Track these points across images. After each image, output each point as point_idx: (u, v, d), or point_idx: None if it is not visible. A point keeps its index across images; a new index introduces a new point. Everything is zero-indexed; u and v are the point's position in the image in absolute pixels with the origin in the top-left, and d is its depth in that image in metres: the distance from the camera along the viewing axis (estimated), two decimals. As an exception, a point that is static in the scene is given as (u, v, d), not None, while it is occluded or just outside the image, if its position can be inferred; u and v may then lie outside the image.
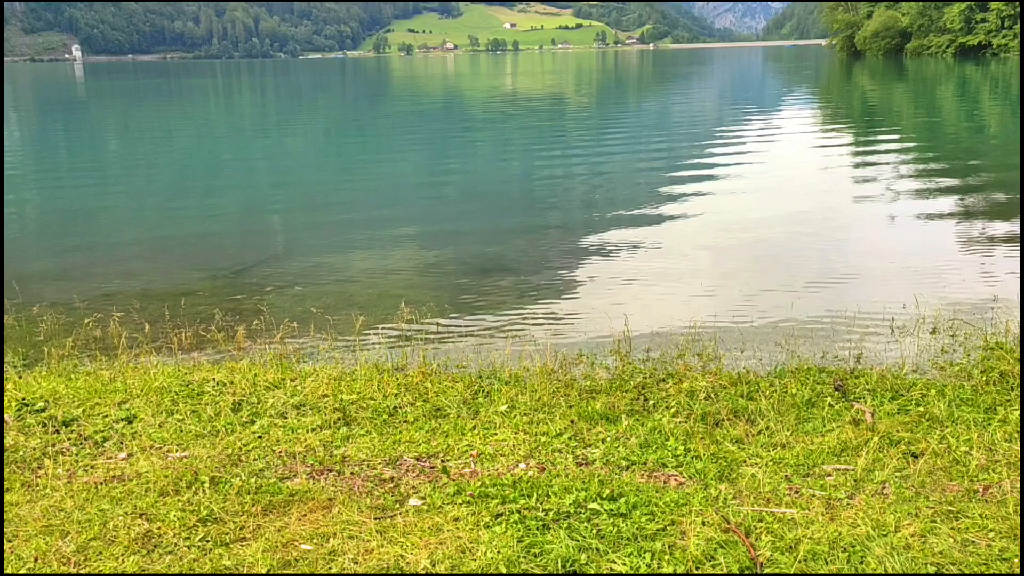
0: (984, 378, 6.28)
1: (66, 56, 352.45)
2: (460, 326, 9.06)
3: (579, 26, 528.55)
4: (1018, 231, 12.77)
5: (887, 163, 20.59)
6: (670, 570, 3.71)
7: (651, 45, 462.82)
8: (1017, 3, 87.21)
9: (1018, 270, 10.39)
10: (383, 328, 8.83)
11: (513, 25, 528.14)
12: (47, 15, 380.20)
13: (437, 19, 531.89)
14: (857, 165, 20.84)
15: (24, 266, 11.88)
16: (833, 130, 30.22)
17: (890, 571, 3.67)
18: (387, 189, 19.47)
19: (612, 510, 4.22)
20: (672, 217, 14.82)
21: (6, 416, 5.69)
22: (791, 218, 14.55)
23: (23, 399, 6.01)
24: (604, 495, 4.38)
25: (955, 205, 15.28)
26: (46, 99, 67.89)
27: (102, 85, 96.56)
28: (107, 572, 3.82)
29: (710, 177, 19.12)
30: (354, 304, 9.82)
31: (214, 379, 6.53)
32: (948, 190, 16.75)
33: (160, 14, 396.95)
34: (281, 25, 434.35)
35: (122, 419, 5.73)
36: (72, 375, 6.90)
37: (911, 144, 25.11)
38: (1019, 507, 4.21)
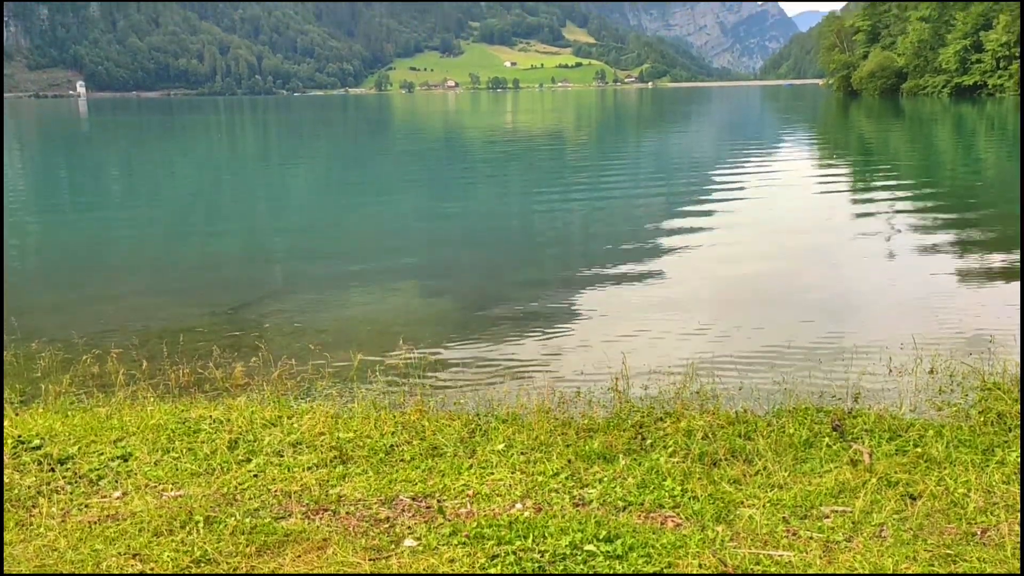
0: (982, 419, 6.27)
1: (70, 92, 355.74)
2: (458, 363, 9.07)
3: (578, 65, 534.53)
4: (1016, 270, 12.81)
5: (885, 201, 20.71)
6: (666, 614, 3.68)
7: (650, 84, 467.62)
8: (1013, 44, 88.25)
9: (1015, 311, 10.41)
10: (381, 365, 8.82)
11: (513, 64, 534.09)
12: (52, 52, 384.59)
13: (438, 57, 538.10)
14: (855, 203, 20.97)
15: (24, 302, 11.90)
16: (831, 168, 30.43)
17: (888, 615, 3.64)
18: (387, 226, 19.56)
19: (608, 552, 4.20)
20: (670, 255, 14.87)
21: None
22: (789, 256, 14.61)
23: (19, 436, 6.00)
24: (601, 536, 4.35)
25: (953, 244, 15.34)
26: (49, 134, 68.42)
27: (105, 121, 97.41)
28: (99, 614, 3.79)
29: (709, 215, 19.22)
30: (352, 341, 9.82)
31: (211, 416, 6.52)
32: (946, 228, 16.83)
33: (165, 51, 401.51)
34: (284, 63, 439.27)
35: (118, 457, 5.72)
36: (69, 412, 6.89)
37: (908, 182, 25.26)
38: (1017, 551, 4.19)
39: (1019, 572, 3.71)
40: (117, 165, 39.43)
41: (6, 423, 6.39)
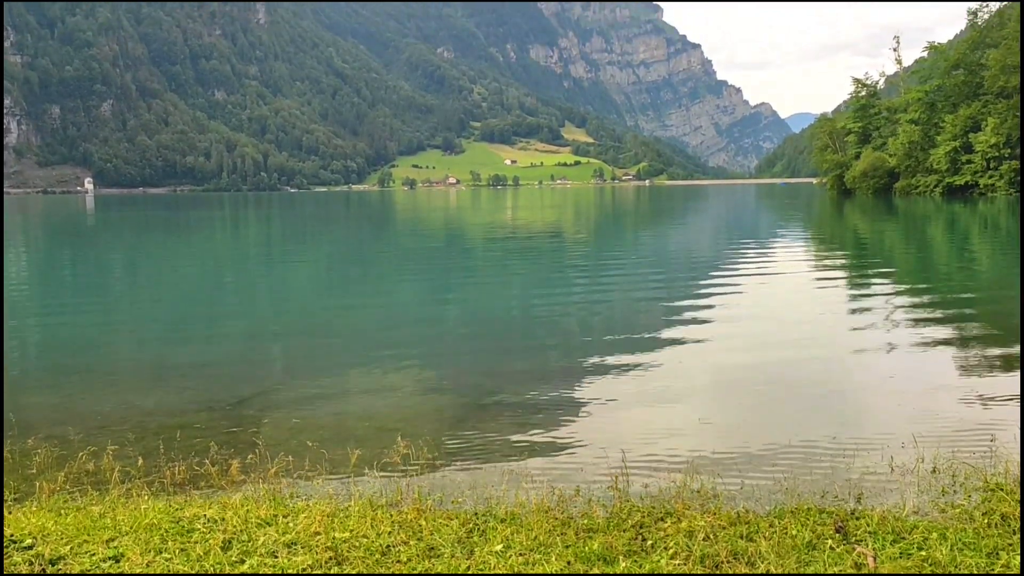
0: (986, 521, 6.20)
1: (78, 188, 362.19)
2: (457, 460, 8.99)
3: (577, 163, 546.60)
4: (1015, 369, 12.82)
5: (881, 297, 20.87)
6: None
7: (647, 181, 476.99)
8: (1002, 146, 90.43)
9: (1015, 406, 10.38)
10: (379, 462, 8.75)
11: (514, 161, 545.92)
12: (62, 150, 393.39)
13: (440, 155, 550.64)
14: (852, 299, 21.11)
15: (22, 398, 11.86)
16: (827, 265, 30.76)
17: None
18: (387, 321, 19.65)
19: (608, 659, 4.09)
20: (669, 349, 14.90)
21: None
22: (788, 351, 14.63)
23: (11, 536, 5.92)
24: (600, 643, 4.25)
25: (951, 340, 15.38)
26: (54, 230, 69.35)
27: (110, 216, 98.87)
28: None
29: (708, 308, 19.34)
30: (350, 437, 9.77)
31: (205, 515, 6.44)
32: (943, 325, 16.90)
33: (173, 149, 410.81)
34: (289, 160, 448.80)
35: (109, 558, 5.63)
36: (63, 510, 6.81)
37: (904, 279, 25.51)
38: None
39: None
40: (120, 261, 39.85)
41: (-2, 521, 6.32)
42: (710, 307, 19.74)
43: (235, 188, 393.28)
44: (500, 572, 5.39)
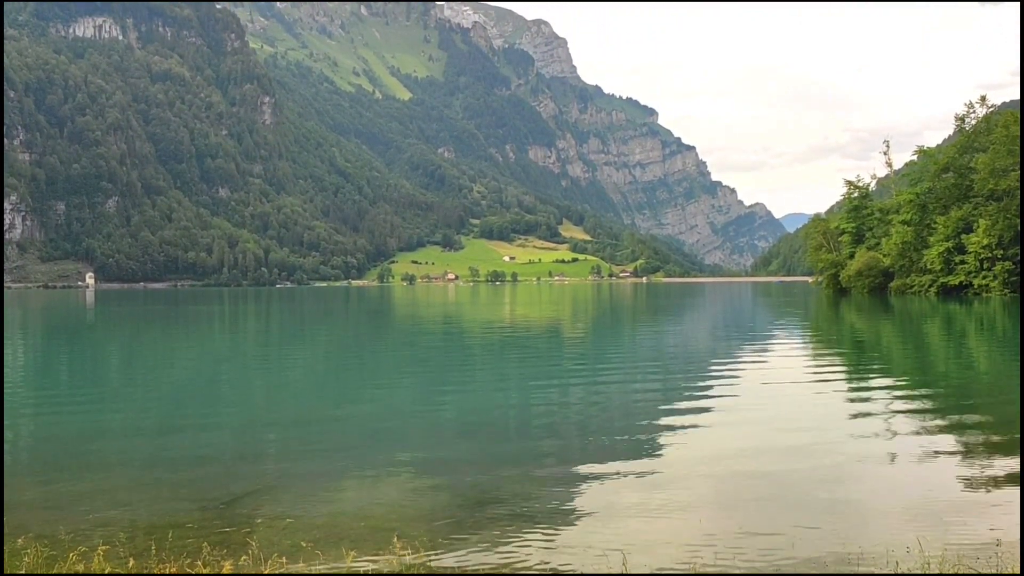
0: (994, 630, 6.07)
1: (79, 283, 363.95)
2: (453, 563, 8.82)
3: (575, 260, 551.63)
4: (1016, 477, 12.70)
5: (881, 401, 20.78)
6: None
7: (644, 278, 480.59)
8: (994, 247, 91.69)
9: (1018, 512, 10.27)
10: (374, 564, 8.59)
11: (512, 258, 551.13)
12: (66, 246, 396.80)
13: (440, 251, 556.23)
14: (851, 402, 21.03)
15: (12, 495, 11.68)
16: (825, 365, 30.74)
17: None
18: (382, 418, 19.53)
19: None
20: (668, 451, 14.78)
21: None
22: (788, 455, 14.51)
23: (-4, 640, 5.77)
24: None
25: (952, 443, 15.29)
26: (53, 325, 69.41)
27: (110, 311, 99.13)
28: None
29: (706, 412, 19.23)
30: (345, 538, 9.61)
31: (196, 620, 6.30)
32: (944, 429, 16.82)
33: (175, 245, 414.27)
34: (290, 256, 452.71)
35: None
36: (49, 614, 6.65)
37: (903, 380, 25.47)
38: None
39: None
40: (116, 355, 39.79)
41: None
42: (709, 410, 19.63)
43: (235, 283, 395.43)
44: None
